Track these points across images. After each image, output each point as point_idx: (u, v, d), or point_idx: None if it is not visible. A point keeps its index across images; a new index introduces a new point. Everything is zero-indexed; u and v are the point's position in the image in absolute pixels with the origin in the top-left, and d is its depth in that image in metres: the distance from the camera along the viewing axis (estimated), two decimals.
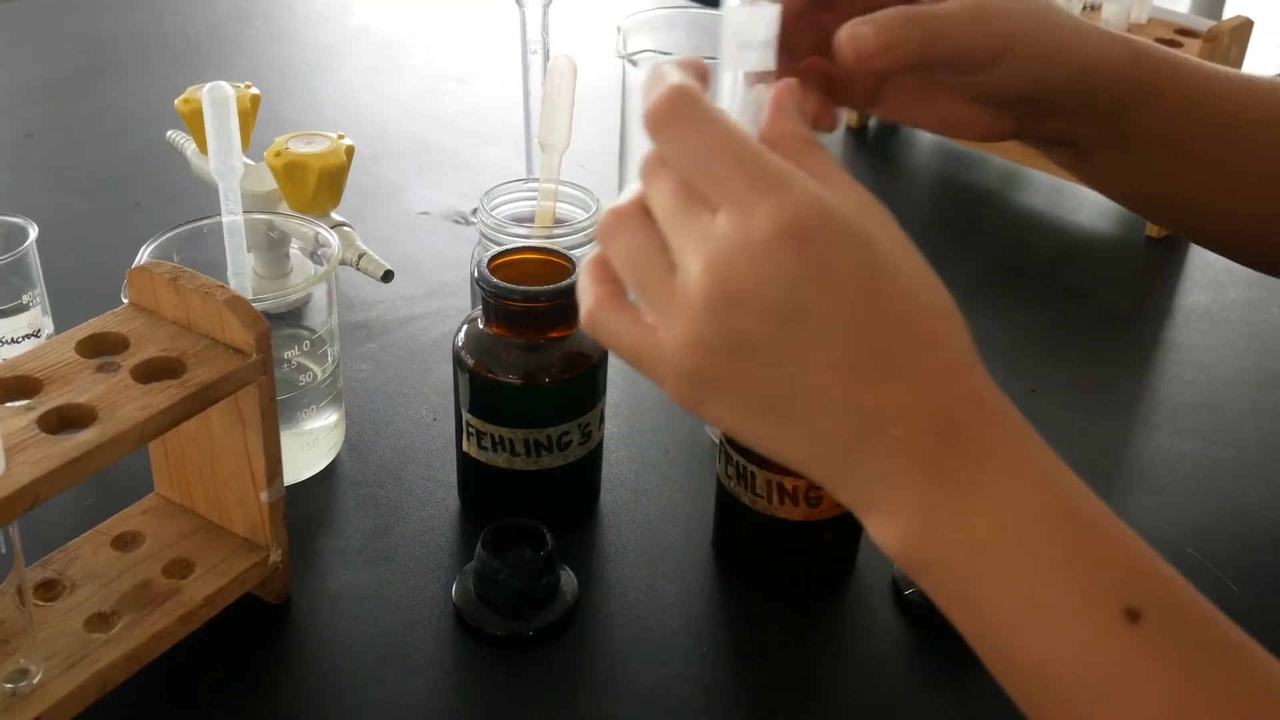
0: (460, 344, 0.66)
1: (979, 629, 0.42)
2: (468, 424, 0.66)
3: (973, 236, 1.03)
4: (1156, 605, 0.40)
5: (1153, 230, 1.01)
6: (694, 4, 1.38)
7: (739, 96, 0.46)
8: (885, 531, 0.42)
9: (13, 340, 0.72)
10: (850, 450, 0.42)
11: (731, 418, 0.43)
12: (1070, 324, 0.91)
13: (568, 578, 0.64)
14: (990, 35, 0.56)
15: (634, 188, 0.44)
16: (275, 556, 0.61)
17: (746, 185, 0.40)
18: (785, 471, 0.62)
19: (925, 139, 1.17)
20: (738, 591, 0.66)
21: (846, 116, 1.19)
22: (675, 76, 0.42)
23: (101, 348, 0.57)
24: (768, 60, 0.45)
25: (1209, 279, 0.96)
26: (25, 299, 0.73)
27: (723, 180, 0.40)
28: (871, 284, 0.40)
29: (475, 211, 1.00)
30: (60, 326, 0.77)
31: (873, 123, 1.19)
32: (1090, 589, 0.40)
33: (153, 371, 0.56)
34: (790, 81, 0.45)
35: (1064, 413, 0.81)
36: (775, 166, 0.41)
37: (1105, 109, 0.60)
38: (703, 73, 0.44)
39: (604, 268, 0.45)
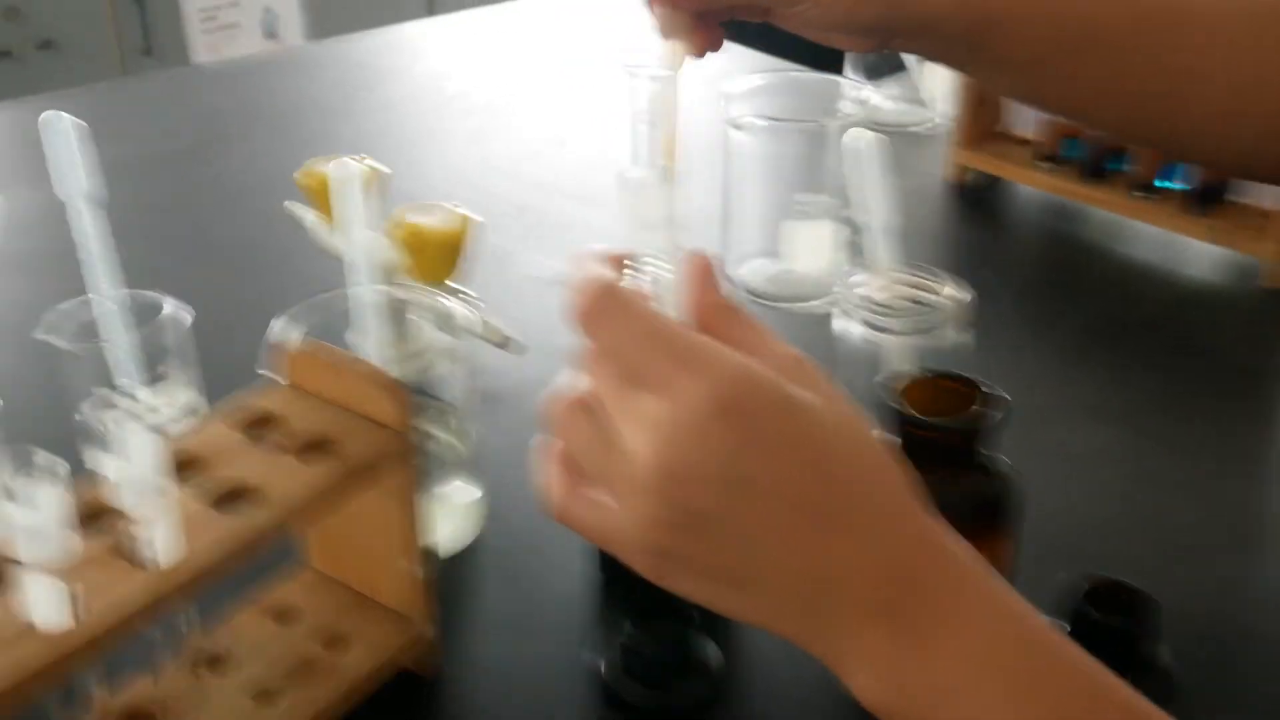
0: None
1: None
2: None
3: (1079, 291, 1.03)
4: None
5: (1267, 280, 1.00)
6: (795, 68, 1.39)
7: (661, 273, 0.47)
8: (860, 684, 0.43)
9: (162, 414, 0.74)
10: (812, 609, 0.43)
11: (698, 589, 0.44)
12: (1186, 379, 0.90)
13: (712, 650, 0.64)
14: None
15: (577, 378, 0.46)
16: (427, 631, 0.62)
17: (673, 367, 0.42)
18: None
19: (1026, 192, 1.17)
20: None
21: (945, 170, 1.20)
22: (596, 273, 0.44)
23: (259, 425, 0.59)
24: (675, 237, 0.47)
25: None
26: (166, 370, 0.75)
27: (651, 365, 0.42)
28: (802, 443, 0.42)
29: None
30: (194, 394, 0.78)
31: (973, 177, 1.19)
32: None
33: (310, 449, 0.57)
34: (705, 253, 0.47)
35: (1184, 472, 0.80)
36: (698, 345, 0.42)
37: (949, 43, 0.64)
38: (626, 259, 0.47)
39: (567, 456, 0.47)
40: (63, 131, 0.71)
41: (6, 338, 0.93)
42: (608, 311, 0.43)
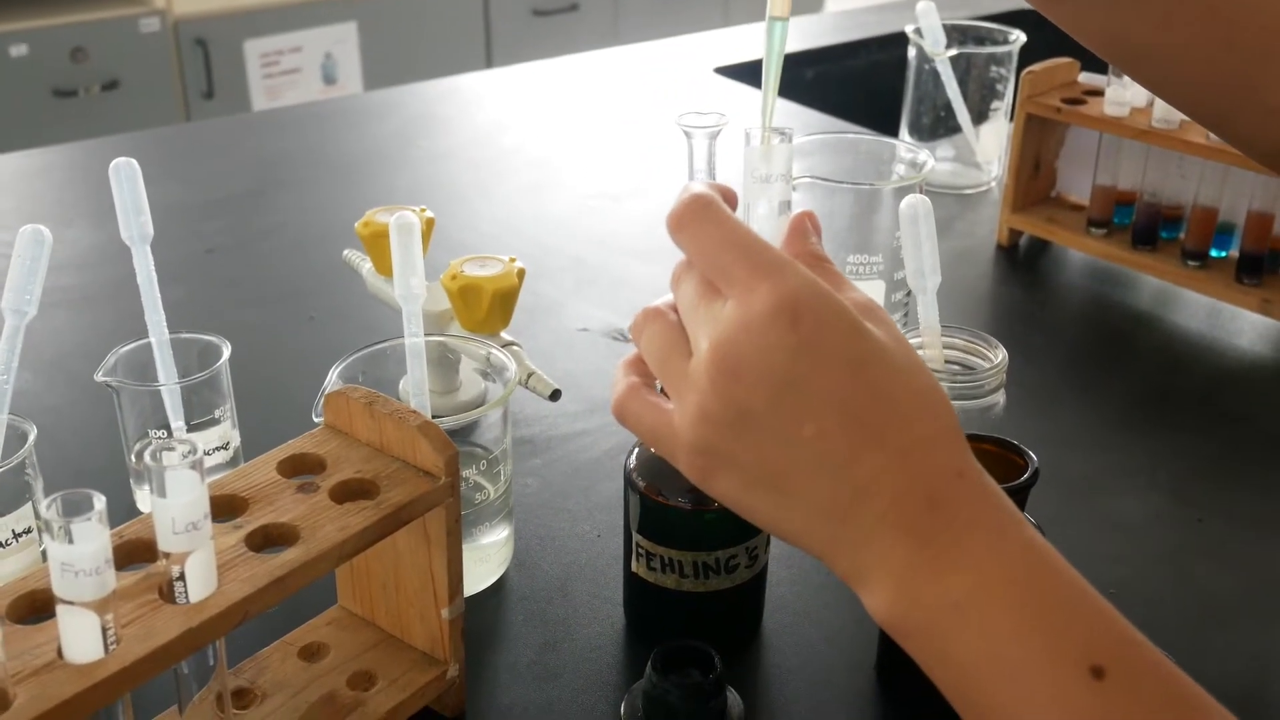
0: (632, 466, 0.68)
1: (956, 685, 0.44)
2: (637, 545, 0.68)
3: (1127, 358, 1.03)
4: (1120, 664, 0.42)
5: None
6: (851, 129, 1.41)
7: (763, 225, 0.53)
8: (875, 600, 0.45)
9: (207, 455, 0.76)
10: (841, 519, 0.45)
11: (736, 490, 0.46)
12: (1233, 450, 0.90)
13: (734, 699, 0.64)
14: None
15: (666, 297, 0.50)
16: (453, 671, 0.63)
17: (748, 271, 0.44)
18: None
19: (1077, 257, 1.17)
20: (903, 716, 0.66)
21: (996, 232, 1.20)
22: (696, 188, 0.47)
23: (301, 468, 0.60)
24: (785, 192, 0.52)
25: None
26: (217, 413, 0.77)
27: (729, 269, 0.45)
28: (859, 361, 0.44)
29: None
30: (243, 437, 0.80)
31: (1023, 240, 1.20)
32: (1057, 647, 0.43)
33: (348, 492, 0.58)
34: (806, 211, 0.51)
35: (1231, 544, 0.80)
36: (775, 255, 0.45)
37: None
38: (728, 194, 0.49)
39: (638, 363, 0.50)
40: (131, 178, 0.73)
41: (64, 374, 0.96)
42: (698, 219, 0.46)
